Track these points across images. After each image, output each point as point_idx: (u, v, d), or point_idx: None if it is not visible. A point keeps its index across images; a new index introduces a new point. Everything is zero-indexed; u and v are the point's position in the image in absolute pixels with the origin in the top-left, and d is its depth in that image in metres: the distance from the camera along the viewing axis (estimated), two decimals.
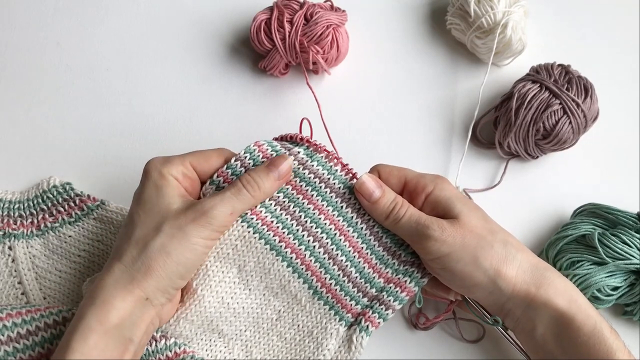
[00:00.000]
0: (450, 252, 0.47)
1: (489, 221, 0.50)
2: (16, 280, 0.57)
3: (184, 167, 0.49)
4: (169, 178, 0.48)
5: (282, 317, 0.51)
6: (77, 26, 0.71)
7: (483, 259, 0.47)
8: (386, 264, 0.50)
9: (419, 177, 0.51)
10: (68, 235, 0.59)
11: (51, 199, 0.60)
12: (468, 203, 0.50)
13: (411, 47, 0.69)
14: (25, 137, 0.65)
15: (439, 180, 0.51)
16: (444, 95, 0.66)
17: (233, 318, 0.50)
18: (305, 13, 0.63)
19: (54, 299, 0.57)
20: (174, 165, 0.48)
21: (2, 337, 0.46)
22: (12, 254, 0.58)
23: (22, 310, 0.48)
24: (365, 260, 0.50)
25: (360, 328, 0.50)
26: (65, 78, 0.68)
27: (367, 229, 0.50)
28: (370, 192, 0.49)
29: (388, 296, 0.50)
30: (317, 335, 0.50)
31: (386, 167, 0.52)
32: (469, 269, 0.47)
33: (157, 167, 0.48)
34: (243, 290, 0.50)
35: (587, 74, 0.61)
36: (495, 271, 0.47)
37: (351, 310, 0.50)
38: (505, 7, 0.62)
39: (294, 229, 0.50)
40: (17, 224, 0.59)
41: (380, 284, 0.50)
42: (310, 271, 0.50)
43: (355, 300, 0.50)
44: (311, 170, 0.50)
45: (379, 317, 0.50)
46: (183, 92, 0.67)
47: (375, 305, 0.50)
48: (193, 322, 0.49)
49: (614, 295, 0.54)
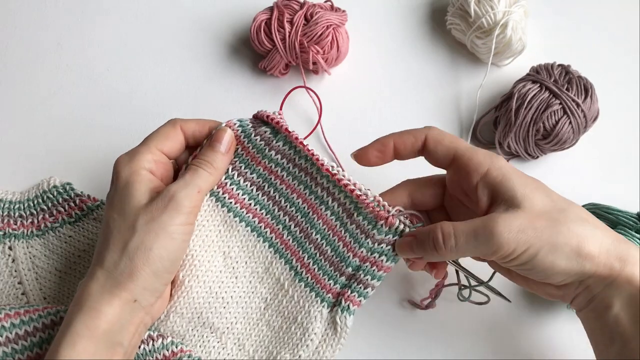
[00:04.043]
0: (526, 249, 0.42)
1: (555, 197, 0.45)
2: (16, 281, 0.57)
3: (153, 154, 0.48)
4: (141, 172, 0.47)
5: (269, 306, 0.51)
6: (77, 26, 0.71)
7: (562, 244, 0.42)
8: (360, 244, 0.49)
9: (472, 152, 0.46)
10: (68, 236, 0.59)
11: (51, 199, 0.60)
12: (528, 181, 0.45)
13: (411, 47, 0.69)
14: (26, 137, 0.65)
15: (494, 157, 0.46)
16: (444, 95, 0.66)
17: (223, 309, 0.50)
18: (305, 13, 0.63)
19: (54, 299, 0.57)
20: (143, 156, 0.47)
21: (1, 338, 0.46)
22: (13, 254, 0.58)
23: (20, 310, 0.48)
24: (340, 238, 0.49)
25: (342, 308, 0.49)
26: (65, 78, 0.68)
27: (339, 206, 0.49)
28: (410, 249, 0.47)
29: (365, 275, 0.49)
30: (302, 321, 0.50)
31: (438, 131, 0.48)
32: (550, 259, 0.42)
33: (127, 165, 0.47)
34: (230, 278, 0.50)
35: (587, 74, 0.61)
36: (578, 253, 0.42)
37: (331, 290, 0.49)
38: (505, 7, 0.62)
39: (271, 209, 0.50)
40: (18, 224, 0.59)
41: (355, 263, 0.49)
42: (290, 251, 0.50)
43: (333, 279, 0.49)
44: (277, 150, 0.50)
45: (359, 295, 0.49)
46: (183, 92, 0.67)
47: (353, 284, 0.49)
48: (183, 316, 0.49)
49: None
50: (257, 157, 0.51)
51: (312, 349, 0.49)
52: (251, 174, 0.51)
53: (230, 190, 0.51)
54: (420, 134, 0.47)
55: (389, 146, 0.48)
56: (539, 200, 0.43)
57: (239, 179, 0.51)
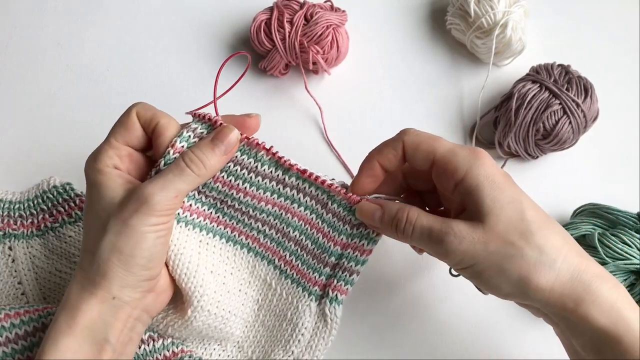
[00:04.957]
0: (473, 264, 0.41)
1: (529, 216, 0.41)
2: (16, 281, 0.57)
3: (115, 149, 0.46)
4: (106, 170, 0.45)
5: (261, 307, 0.51)
6: (77, 26, 0.71)
7: (510, 270, 0.40)
8: (339, 231, 0.48)
9: (451, 155, 0.43)
10: (68, 236, 0.59)
11: (51, 199, 0.60)
12: (503, 194, 0.42)
13: (411, 47, 0.69)
14: (26, 137, 0.65)
15: (473, 161, 0.42)
16: (444, 95, 0.66)
17: (222, 325, 0.50)
18: (305, 13, 0.63)
19: (54, 299, 0.57)
20: (105, 154, 0.45)
21: (1, 338, 0.46)
22: (12, 254, 0.58)
23: (20, 310, 0.48)
24: (318, 230, 0.49)
25: (330, 299, 0.49)
26: (65, 78, 0.68)
27: (312, 199, 0.48)
28: (370, 216, 0.45)
29: (348, 262, 0.48)
30: (292, 317, 0.50)
31: (414, 135, 0.45)
32: (495, 281, 0.41)
33: (91, 165, 0.45)
34: (223, 295, 0.49)
35: (587, 74, 0.61)
36: (525, 283, 0.40)
37: (317, 283, 0.49)
38: (505, 7, 0.62)
39: (241, 218, 0.50)
40: (17, 224, 0.59)
41: (337, 252, 0.48)
42: (270, 251, 0.50)
43: (317, 271, 0.49)
44: (236, 162, 0.48)
45: (345, 283, 0.49)
46: (183, 91, 0.67)
47: (338, 273, 0.49)
48: (181, 334, 0.50)
49: None
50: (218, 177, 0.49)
51: (304, 344, 0.50)
52: (210, 192, 0.49)
53: (195, 209, 0.49)
54: (397, 144, 0.45)
55: (376, 167, 0.47)
56: (505, 219, 0.41)
57: (200, 196, 0.49)
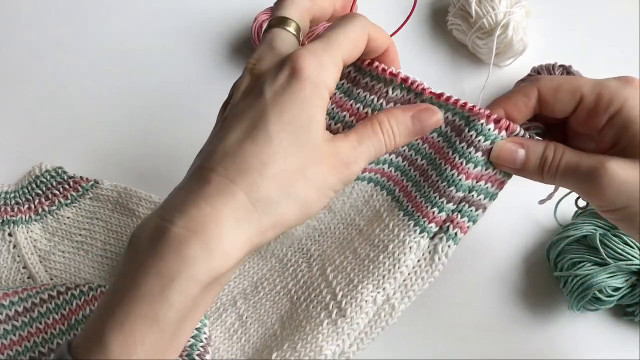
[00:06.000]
0: (626, 205, 0.37)
1: None
2: (20, 265, 0.58)
3: (339, 71, 0.36)
4: (325, 95, 0.35)
5: (361, 234, 0.46)
6: (77, 26, 0.71)
7: None
8: (474, 162, 0.41)
9: (601, 87, 0.38)
10: (66, 217, 0.60)
11: (45, 183, 0.61)
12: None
13: (412, 47, 0.69)
14: (25, 137, 0.65)
15: (630, 91, 0.37)
16: None
17: (317, 236, 0.47)
18: None
19: (62, 279, 0.58)
20: (333, 74, 0.36)
21: (1, 316, 0.48)
22: (13, 240, 0.59)
23: (17, 289, 0.50)
24: (447, 160, 0.42)
25: (448, 236, 0.43)
26: (65, 78, 0.68)
27: (447, 125, 0.42)
28: (512, 159, 0.40)
29: (478, 194, 0.42)
30: (394, 250, 0.44)
31: (550, 80, 0.40)
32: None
33: (316, 74, 0.34)
34: (326, 215, 0.47)
35: (588, 75, 0.60)
36: None
37: (434, 219, 0.43)
38: (507, 8, 0.62)
39: None
40: (15, 210, 0.59)
41: (468, 184, 0.42)
42: (392, 181, 0.45)
43: (438, 207, 0.42)
44: (365, 87, 0.43)
45: (469, 219, 0.43)
46: (183, 91, 0.67)
47: (464, 207, 0.42)
48: (283, 242, 0.48)
49: (615, 296, 0.53)
50: (343, 102, 0.43)
51: (399, 282, 0.44)
52: (336, 124, 0.43)
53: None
54: (531, 90, 0.40)
55: (501, 116, 0.41)
56: None
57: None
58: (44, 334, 0.48)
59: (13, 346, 0.47)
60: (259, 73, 0.35)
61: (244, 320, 0.49)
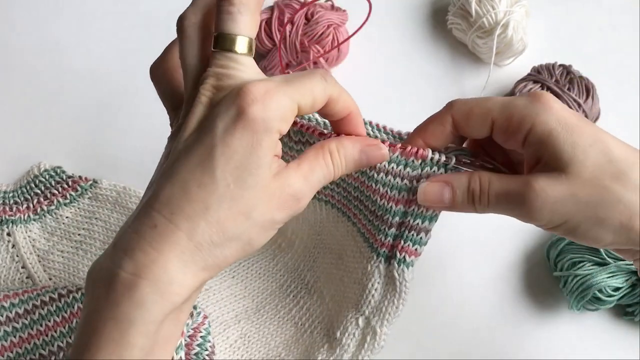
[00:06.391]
0: (563, 222, 0.36)
1: (617, 155, 0.36)
2: (19, 265, 0.58)
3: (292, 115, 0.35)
4: (275, 137, 0.34)
5: (341, 260, 0.49)
6: (77, 26, 0.70)
7: (610, 218, 0.36)
8: (397, 188, 0.42)
9: (509, 108, 0.38)
10: (65, 217, 0.60)
11: (44, 183, 0.61)
12: (581, 137, 0.36)
13: (412, 47, 0.69)
14: (25, 137, 0.65)
15: (538, 108, 0.37)
16: (445, 95, 0.66)
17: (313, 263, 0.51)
18: (305, 13, 0.63)
19: (61, 278, 0.58)
20: (287, 114, 0.34)
21: (2, 317, 0.48)
22: (12, 240, 0.59)
23: (18, 291, 0.50)
24: (373, 191, 0.43)
25: (398, 261, 0.44)
26: (65, 78, 0.68)
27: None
28: (439, 199, 0.40)
29: (414, 219, 0.43)
30: (362, 278, 0.46)
31: (462, 104, 0.40)
32: (593, 233, 0.37)
33: (268, 114, 0.33)
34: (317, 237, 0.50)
35: (589, 75, 0.61)
36: (628, 228, 0.36)
37: (384, 244, 0.44)
38: (507, 7, 0.62)
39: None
40: (13, 210, 0.60)
41: (400, 210, 0.43)
42: (345, 207, 0.47)
43: (382, 233, 0.44)
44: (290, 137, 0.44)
45: (413, 244, 0.43)
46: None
47: (404, 232, 0.43)
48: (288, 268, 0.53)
49: (615, 295, 0.54)
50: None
51: (374, 306, 0.46)
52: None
53: None
54: (444, 118, 0.40)
55: (421, 147, 0.42)
56: (591, 163, 0.36)
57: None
58: (44, 336, 0.48)
59: (13, 348, 0.47)
60: (214, 104, 0.34)
61: (247, 338, 0.52)
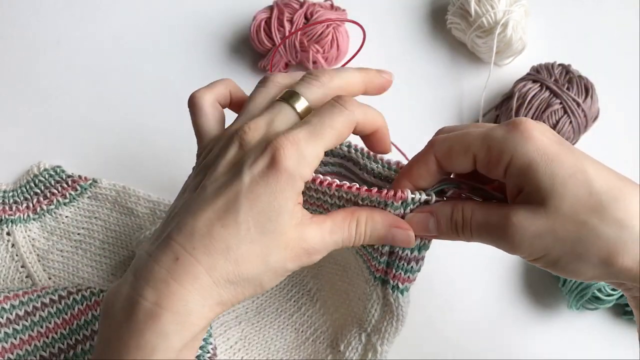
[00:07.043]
0: (543, 255, 0.36)
1: (598, 187, 0.35)
2: (19, 264, 0.58)
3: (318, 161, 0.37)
4: (299, 186, 0.36)
5: (345, 273, 0.49)
6: (77, 25, 0.70)
7: (588, 254, 0.35)
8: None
9: (488, 140, 0.37)
10: (65, 216, 0.60)
11: (43, 182, 0.61)
12: (562, 167, 0.35)
13: (411, 46, 0.69)
14: (25, 137, 0.65)
15: (516, 139, 0.36)
16: (445, 94, 0.66)
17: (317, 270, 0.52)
18: (305, 12, 0.63)
19: (60, 277, 0.58)
20: (312, 166, 0.36)
21: (2, 319, 0.48)
22: (12, 239, 0.59)
23: (19, 292, 0.50)
24: None
25: (392, 287, 0.44)
26: (65, 77, 0.68)
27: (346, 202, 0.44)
28: (424, 228, 0.40)
29: (403, 250, 0.42)
30: (362, 298, 0.47)
31: (442, 143, 0.39)
32: (572, 267, 0.36)
33: (294, 166, 0.35)
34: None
35: (588, 74, 0.61)
36: (608, 264, 0.35)
37: (378, 270, 0.44)
38: (506, 7, 0.62)
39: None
40: (13, 209, 0.59)
41: None
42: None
43: (376, 260, 0.44)
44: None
45: (405, 272, 0.43)
46: (183, 91, 0.66)
47: (395, 261, 0.43)
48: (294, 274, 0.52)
49: (614, 295, 0.54)
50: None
51: (374, 325, 0.47)
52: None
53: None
54: (428, 158, 0.40)
55: (409, 188, 0.41)
56: (570, 196, 0.35)
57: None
58: (45, 338, 0.48)
59: (14, 350, 0.47)
60: (246, 148, 0.36)
61: (247, 340, 0.52)
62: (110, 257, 0.58)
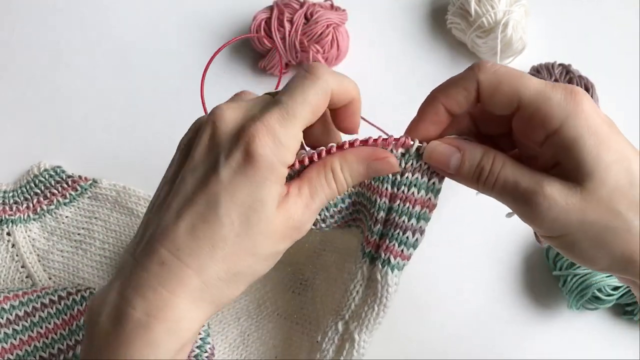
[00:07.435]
0: (564, 234, 0.34)
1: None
2: (19, 264, 0.58)
3: (298, 143, 0.35)
4: (282, 172, 0.34)
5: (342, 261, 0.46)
6: (77, 25, 0.70)
7: (613, 244, 0.33)
8: (381, 179, 0.39)
9: (542, 100, 0.34)
10: (65, 216, 0.60)
11: (43, 182, 0.61)
12: (609, 152, 0.33)
13: (411, 46, 0.69)
14: (25, 137, 0.65)
15: (571, 108, 0.33)
16: None
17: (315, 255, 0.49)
18: (305, 12, 0.62)
19: (60, 278, 0.58)
20: (291, 149, 0.34)
21: (2, 320, 0.48)
22: (12, 239, 0.59)
23: (18, 292, 0.50)
24: (367, 187, 0.41)
25: (382, 262, 0.39)
26: (65, 78, 0.68)
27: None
28: (445, 162, 0.37)
29: (399, 216, 0.39)
30: (345, 279, 0.43)
31: (492, 73, 0.35)
32: (591, 254, 0.34)
33: (272, 153, 0.33)
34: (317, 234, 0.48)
35: (588, 74, 0.61)
36: (629, 260, 0.33)
37: (370, 242, 0.40)
38: (506, 7, 0.62)
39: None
40: (13, 209, 0.59)
41: (385, 205, 0.39)
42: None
43: (370, 230, 0.40)
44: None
45: (399, 244, 0.39)
46: (183, 91, 0.67)
47: (390, 230, 0.39)
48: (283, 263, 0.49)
49: (614, 295, 0.54)
50: None
51: (353, 310, 0.42)
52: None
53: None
54: (470, 83, 0.36)
55: (441, 111, 0.38)
56: (611, 182, 0.33)
57: None
58: (44, 338, 0.48)
59: (14, 350, 0.47)
60: (218, 139, 0.34)
61: (246, 337, 0.51)
62: (111, 258, 0.58)
